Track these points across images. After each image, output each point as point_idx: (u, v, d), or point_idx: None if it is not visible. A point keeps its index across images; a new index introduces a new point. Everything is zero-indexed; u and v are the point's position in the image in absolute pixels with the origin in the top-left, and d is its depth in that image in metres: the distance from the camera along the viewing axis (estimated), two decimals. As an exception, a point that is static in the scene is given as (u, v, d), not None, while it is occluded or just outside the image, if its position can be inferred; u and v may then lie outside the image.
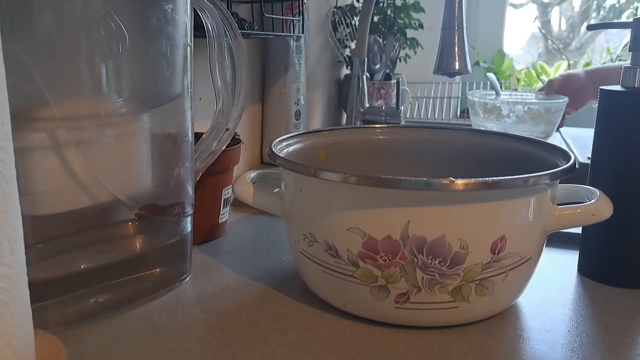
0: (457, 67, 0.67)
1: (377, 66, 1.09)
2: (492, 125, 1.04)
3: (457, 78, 1.47)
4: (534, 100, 1.09)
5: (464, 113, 1.42)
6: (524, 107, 1.02)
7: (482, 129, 0.94)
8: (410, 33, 1.17)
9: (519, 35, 2.07)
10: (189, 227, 0.44)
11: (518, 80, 1.91)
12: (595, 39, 2.07)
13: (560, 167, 0.36)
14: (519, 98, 1.14)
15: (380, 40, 1.08)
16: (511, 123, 1.03)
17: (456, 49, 0.67)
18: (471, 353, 0.34)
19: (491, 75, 1.21)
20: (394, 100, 1.10)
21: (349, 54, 1.13)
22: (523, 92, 1.25)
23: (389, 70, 1.12)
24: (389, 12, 1.18)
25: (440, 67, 0.71)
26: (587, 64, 1.95)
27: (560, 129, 1.37)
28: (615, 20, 2.02)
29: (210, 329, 0.37)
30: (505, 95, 1.16)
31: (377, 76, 1.09)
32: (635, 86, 0.43)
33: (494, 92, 1.15)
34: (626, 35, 1.78)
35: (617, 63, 1.25)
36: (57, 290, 0.36)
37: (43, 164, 0.34)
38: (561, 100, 1.05)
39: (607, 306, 0.41)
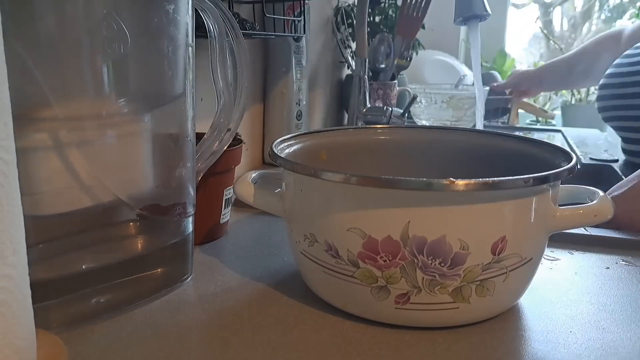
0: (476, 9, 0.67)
1: (383, 65, 1.09)
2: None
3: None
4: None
5: None
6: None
7: (484, 129, 0.94)
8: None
9: (520, 36, 2.07)
10: (190, 227, 0.44)
11: (520, 80, 1.90)
12: (598, 39, 2.06)
13: (562, 167, 0.36)
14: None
15: (390, 39, 1.08)
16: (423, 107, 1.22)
17: None
18: (473, 354, 0.34)
19: (495, 73, 1.27)
20: (392, 101, 1.10)
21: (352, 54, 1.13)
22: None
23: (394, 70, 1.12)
24: (390, 12, 1.18)
25: (460, 13, 0.71)
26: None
27: (562, 130, 1.37)
28: (617, 20, 2.01)
29: (211, 329, 0.37)
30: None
31: (384, 76, 1.09)
32: None
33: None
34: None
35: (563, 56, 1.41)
36: (58, 290, 0.36)
37: (45, 164, 0.35)
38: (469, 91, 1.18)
39: (610, 307, 0.41)
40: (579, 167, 0.38)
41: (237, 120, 0.48)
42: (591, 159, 1.01)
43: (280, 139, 0.45)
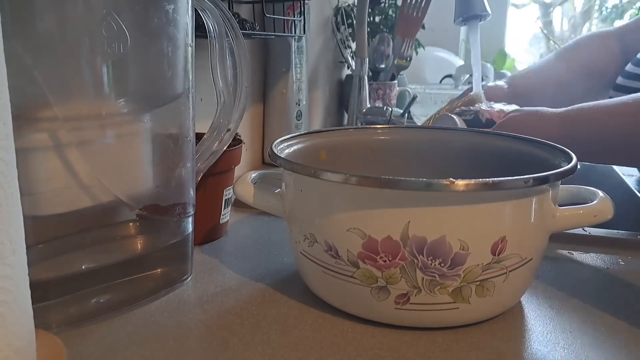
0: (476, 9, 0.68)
1: (383, 65, 1.09)
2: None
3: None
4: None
5: None
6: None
7: (484, 129, 0.94)
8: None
9: (521, 36, 2.07)
10: (190, 227, 0.44)
11: (520, 80, 1.90)
12: (598, 40, 2.05)
13: (561, 167, 0.36)
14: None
15: (390, 39, 1.08)
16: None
17: None
18: (473, 354, 0.34)
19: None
20: (392, 102, 1.10)
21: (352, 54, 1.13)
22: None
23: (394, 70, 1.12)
24: (390, 12, 1.18)
25: (460, 13, 0.72)
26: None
27: None
28: (617, 20, 2.01)
29: (211, 329, 0.37)
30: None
31: (384, 76, 1.09)
32: None
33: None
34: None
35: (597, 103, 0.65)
36: (58, 291, 0.36)
37: (44, 164, 0.35)
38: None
39: (610, 307, 0.41)
40: (579, 167, 0.38)
41: (237, 121, 0.48)
42: None
43: (280, 139, 0.45)
